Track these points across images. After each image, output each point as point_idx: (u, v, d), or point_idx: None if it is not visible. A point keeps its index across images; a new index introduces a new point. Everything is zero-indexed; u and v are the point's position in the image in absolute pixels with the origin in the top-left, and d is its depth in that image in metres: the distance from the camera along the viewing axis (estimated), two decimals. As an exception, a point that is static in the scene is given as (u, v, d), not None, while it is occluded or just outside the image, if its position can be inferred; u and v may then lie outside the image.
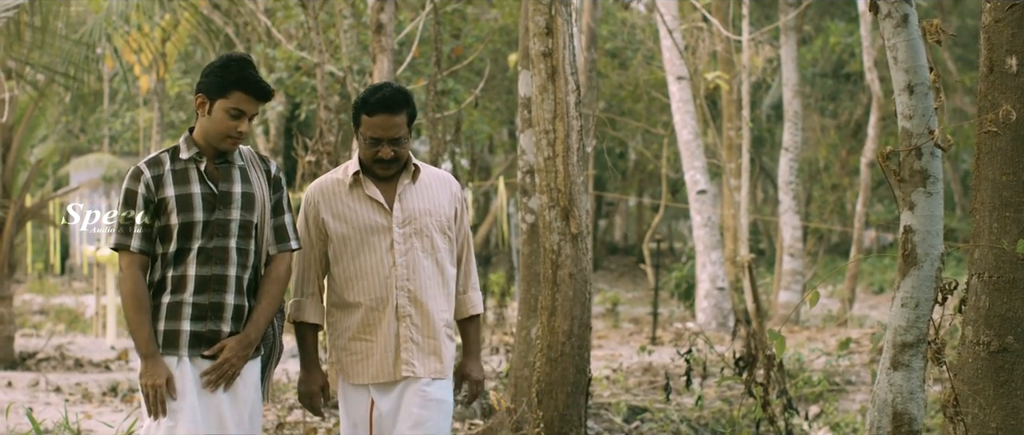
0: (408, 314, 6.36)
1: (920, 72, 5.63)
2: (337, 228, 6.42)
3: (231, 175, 6.21)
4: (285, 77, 20.01)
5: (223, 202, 6.15)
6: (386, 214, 6.38)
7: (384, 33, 12.69)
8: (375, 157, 6.35)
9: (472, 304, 6.68)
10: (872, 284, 32.16)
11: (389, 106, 6.28)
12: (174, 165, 6.18)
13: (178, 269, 6.12)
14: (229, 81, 6.06)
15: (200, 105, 6.17)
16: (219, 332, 6.15)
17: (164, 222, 6.11)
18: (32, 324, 23.73)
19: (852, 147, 32.45)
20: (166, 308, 6.11)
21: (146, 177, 6.12)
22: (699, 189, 22.10)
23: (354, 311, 6.42)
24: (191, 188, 6.12)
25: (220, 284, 6.14)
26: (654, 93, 29.03)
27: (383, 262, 6.36)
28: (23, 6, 12.83)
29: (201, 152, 6.20)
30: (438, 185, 6.55)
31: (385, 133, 6.28)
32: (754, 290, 14.84)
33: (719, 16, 23.28)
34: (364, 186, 6.41)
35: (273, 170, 6.36)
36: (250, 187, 6.23)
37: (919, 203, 5.68)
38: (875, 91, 23.51)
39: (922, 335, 5.73)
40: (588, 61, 19.88)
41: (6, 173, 16.85)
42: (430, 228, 6.42)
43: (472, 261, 6.74)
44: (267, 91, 6.14)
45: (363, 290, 6.39)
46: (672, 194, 33.58)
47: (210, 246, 6.11)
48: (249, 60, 6.19)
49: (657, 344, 19.82)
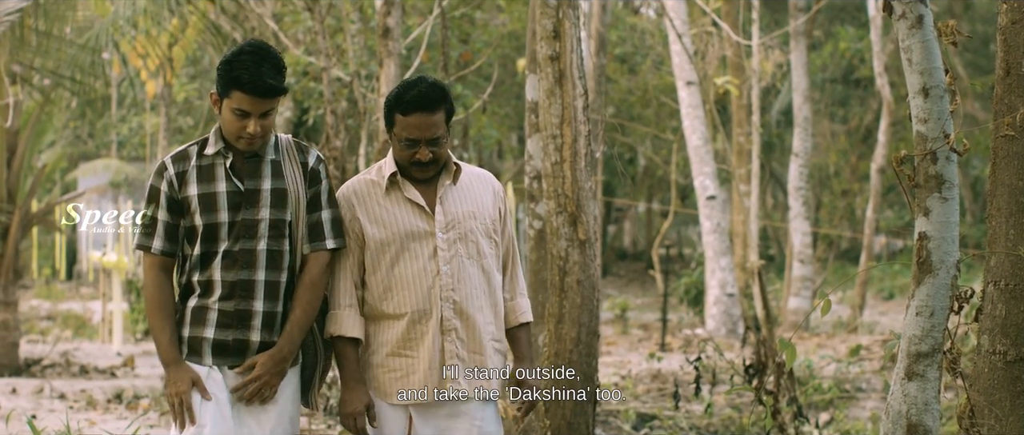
0: (453, 327, 5.91)
1: (935, 74, 5.52)
2: (375, 233, 5.93)
3: (260, 170, 5.83)
4: (293, 82, 19.96)
5: (249, 201, 5.78)
6: (428, 218, 5.92)
7: (391, 37, 12.61)
8: (412, 159, 5.88)
9: (521, 311, 6.17)
10: (882, 290, 32.05)
11: (426, 104, 5.82)
12: (201, 160, 5.84)
13: (204, 273, 5.79)
14: (230, 80, 5.70)
15: (214, 103, 5.85)
16: (247, 342, 5.80)
17: (189, 222, 5.80)
18: (39, 330, 23.64)
19: (862, 153, 32.35)
20: (191, 313, 5.81)
21: (170, 174, 5.81)
22: (708, 195, 22.01)
23: (393, 324, 5.94)
24: (215, 186, 5.78)
25: (247, 290, 5.77)
26: (663, 98, 28.97)
27: (426, 270, 5.90)
28: (26, 10, 12.76)
29: (229, 146, 5.84)
30: (480, 185, 6.10)
31: (422, 133, 5.82)
32: (764, 296, 14.74)
33: (729, 21, 23.17)
34: (402, 188, 5.94)
35: (311, 161, 5.92)
36: (282, 182, 5.83)
37: (934, 209, 5.57)
38: (885, 96, 23.42)
39: (937, 344, 5.62)
40: (597, 66, 19.78)
41: (11, 178, 16.76)
42: (475, 232, 5.98)
43: (519, 265, 6.25)
44: (269, 88, 5.70)
45: (403, 301, 5.91)
46: (681, 200, 33.48)
47: (236, 249, 5.76)
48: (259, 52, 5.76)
49: (666, 351, 19.73)
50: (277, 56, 5.79)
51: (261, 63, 5.70)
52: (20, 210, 16.73)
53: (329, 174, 6.02)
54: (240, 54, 5.73)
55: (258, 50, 5.75)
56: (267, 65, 5.70)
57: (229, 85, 5.71)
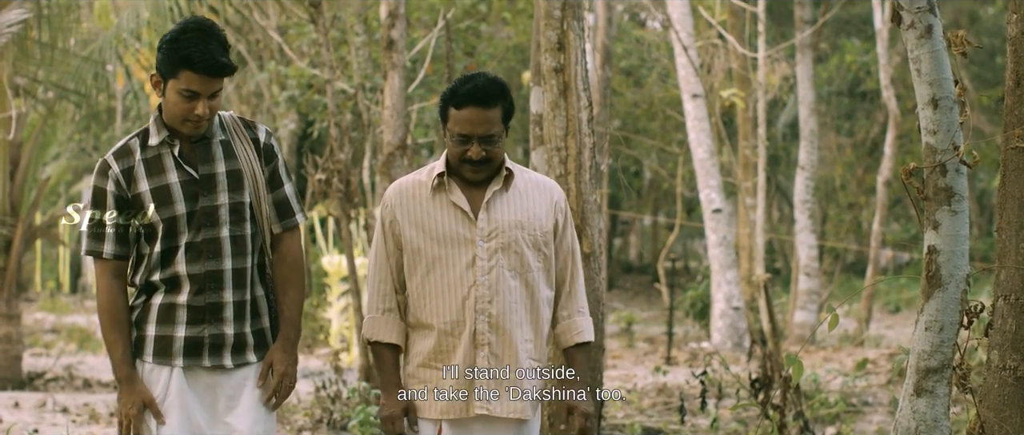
0: (487, 342, 5.61)
1: (944, 85, 5.45)
2: (412, 237, 5.67)
3: (212, 153, 5.53)
4: (297, 95, 19.95)
5: (206, 187, 5.48)
6: (470, 224, 5.64)
7: (395, 50, 12.56)
8: (463, 157, 5.61)
9: (578, 330, 5.83)
10: (888, 303, 31.98)
11: (481, 98, 5.55)
12: (145, 153, 5.50)
13: (167, 270, 5.48)
14: (177, 58, 5.34)
15: (156, 85, 5.47)
16: (221, 336, 5.51)
17: (144, 220, 5.45)
18: (43, 343, 23.58)
19: (868, 166, 32.28)
20: (158, 310, 5.50)
21: (115, 171, 5.47)
22: (714, 208, 21.95)
23: (427, 334, 5.67)
24: (167, 177, 5.46)
25: (215, 281, 5.48)
26: (669, 111, 28.92)
27: (462, 280, 5.62)
28: (29, 21, 12.72)
29: (174, 133, 5.50)
30: (536, 193, 5.78)
31: (475, 130, 5.55)
32: (770, 310, 14.70)
33: (735, 33, 23.14)
34: (449, 190, 5.67)
35: (262, 137, 5.66)
36: (236, 163, 5.54)
37: (944, 222, 5.50)
38: (892, 109, 23.37)
39: (947, 360, 5.54)
40: (603, 79, 19.73)
41: (14, 191, 16.71)
42: (521, 243, 5.65)
43: (579, 280, 5.89)
44: (221, 66, 5.39)
45: (436, 311, 5.65)
46: (687, 213, 33.41)
47: (199, 239, 5.46)
48: (205, 29, 5.43)
49: (672, 364, 19.65)
50: (222, 34, 5.49)
51: (209, 41, 5.40)
52: (23, 223, 16.68)
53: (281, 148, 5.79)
54: (185, 32, 5.40)
55: (203, 27, 5.44)
56: (215, 42, 5.39)
57: (177, 65, 5.37)
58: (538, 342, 5.75)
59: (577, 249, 5.90)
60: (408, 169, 12.77)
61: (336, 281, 20.09)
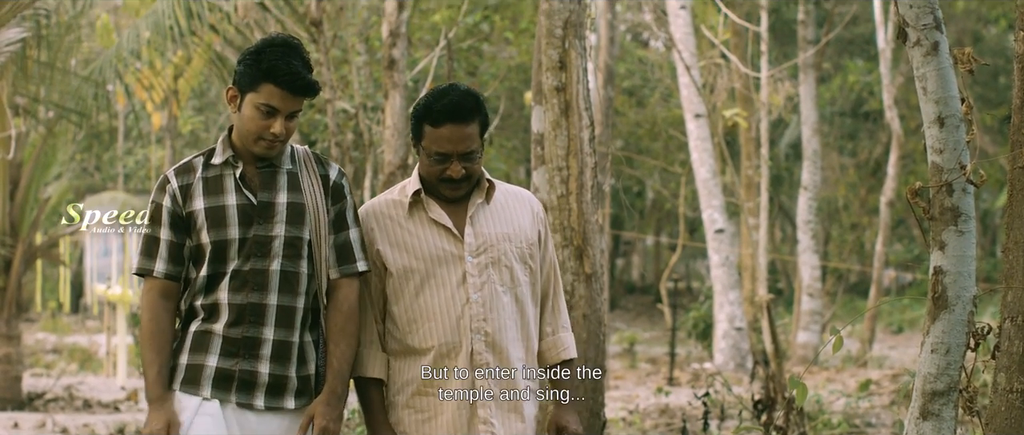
0: (485, 362, 5.32)
1: (951, 103, 5.37)
2: (397, 259, 5.35)
3: (275, 182, 5.24)
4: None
5: (263, 215, 5.19)
6: (456, 241, 5.35)
7: (396, 69, 12.52)
8: (442, 175, 5.31)
9: (564, 347, 5.58)
10: (891, 324, 31.95)
11: (459, 114, 5.25)
12: (206, 172, 5.25)
13: (210, 296, 5.20)
14: (259, 72, 5.12)
15: (231, 99, 5.22)
16: (254, 373, 5.18)
17: (195, 241, 5.20)
18: (44, 363, 23.56)
19: (871, 186, 32.28)
20: (192, 338, 5.21)
21: (173, 187, 5.22)
22: (717, 228, 21.92)
23: (418, 359, 5.35)
24: (224, 199, 5.20)
25: (257, 315, 5.17)
26: (672, 131, 28.92)
27: (454, 299, 5.33)
28: (28, 41, 12.67)
29: (238, 155, 5.25)
30: (517, 204, 5.52)
31: (454, 147, 5.26)
32: (773, 330, 14.63)
33: (737, 53, 23.09)
34: (427, 208, 5.38)
35: (333, 175, 5.35)
36: (299, 196, 5.24)
37: (950, 242, 5.42)
38: (895, 129, 23.36)
39: (953, 383, 5.46)
40: (605, 99, 19.72)
41: (14, 211, 16.67)
42: (510, 256, 5.39)
43: (561, 296, 5.63)
44: (306, 84, 5.16)
45: (429, 334, 5.33)
46: (690, 233, 33.39)
47: (246, 268, 5.17)
48: (292, 45, 5.21)
49: (674, 385, 19.61)
50: (307, 54, 5.27)
51: (294, 57, 5.18)
52: (23, 243, 16.64)
53: (352, 190, 5.48)
54: (271, 45, 5.19)
55: (289, 43, 5.21)
56: (299, 60, 5.18)
57: (259, 78, 5.13)
58: (530, 361, 5.50)
59: (556, 262, 5.66)
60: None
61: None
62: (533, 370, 5.50)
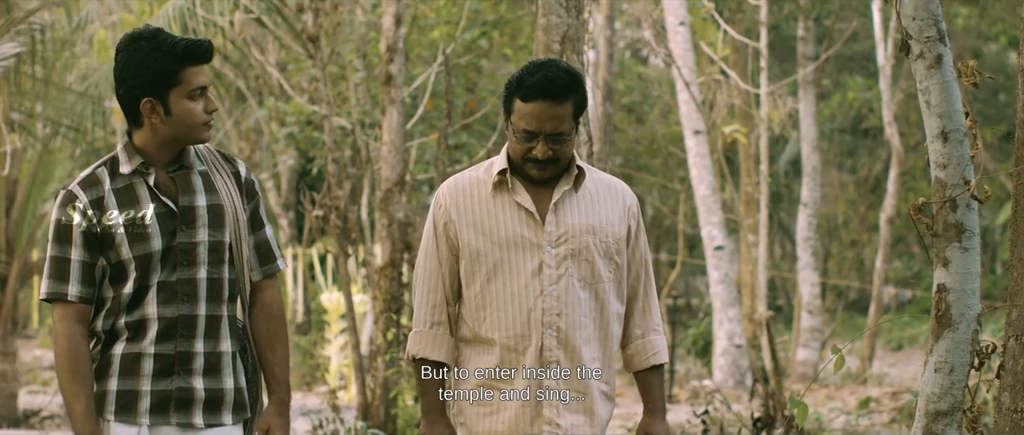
0: (555, 359, 5.04)
1: (955, 117, 5.29)
2: (471, 241, 5.10)
3: (191, 184, 4.89)
4: (296, 131, 19.84)
5: (186, 221, 4.83)
6: (537, 228, 5.07)
7: (394, 85, 12.46)
8: (527, 155, 5.05)
9: (654, 350, 5.28)
10: (891, 341, 31.87)
11: (551, 91, 4.98)
12: (115, 182, 4.83)
13: (134, 313, 4.81)
14: (172, 61, 4.74)
15: (151, 111, 4.79)
16: (190, 390, 4.84)
17: (114, 258, 4.80)
18: (42, 380, 23.46)
19: (871, 203, 32.21)
20: (120, 361, 4.81)
21: (82, 202, 4.79)
22: (716, 245, 21.85)
23: (487, 349, 5.10)
24: (142, 208, 4.81)
25: (188, 327, 4.82)
26: (671, 148, 28.87)
27: (528, 289, 5.04)
28: (22, 56, 12.61)
29: (147, 162, 4.86)
30: (608, 196, 5.22)
31: (543, 126, 4.99)
32: (772, 348, 14.56)
33: (737, 70, 23.05)
34: (512, 190, 5.11)
35: (243, 172, 5.04)
36: (217, 197, 4.91)
37: (954, 259, 5.33)
38: (895, 146, 23.31)
39: (957, 402, 5.38)
40: (604, 115, 19.64)
41: (10, 227, 16.61)
42: (592, 250, 5.09)
43: (653, 295, 5.32)
44: (209, 47, 4.84)
45: (498, 324, 5.07)
46: (689, 250, 33.31)
47: (173, 279, 4.80)
48: (158, 28, 4.83)
49: (673, 402, 19.53)
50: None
51: (170, 34, 4.86)
52: (19, 259, 16.58)
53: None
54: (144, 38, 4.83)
55: (156, 28, 4.87)
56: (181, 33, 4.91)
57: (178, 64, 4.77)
58: (606, 363, 5.20)
59: (650, 260, 5.34)
60: (407, 206, 12.64)
61: (335, 318, 19.97)
62: (610, 372, 5.22)
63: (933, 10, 5.34)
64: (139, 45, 4.80)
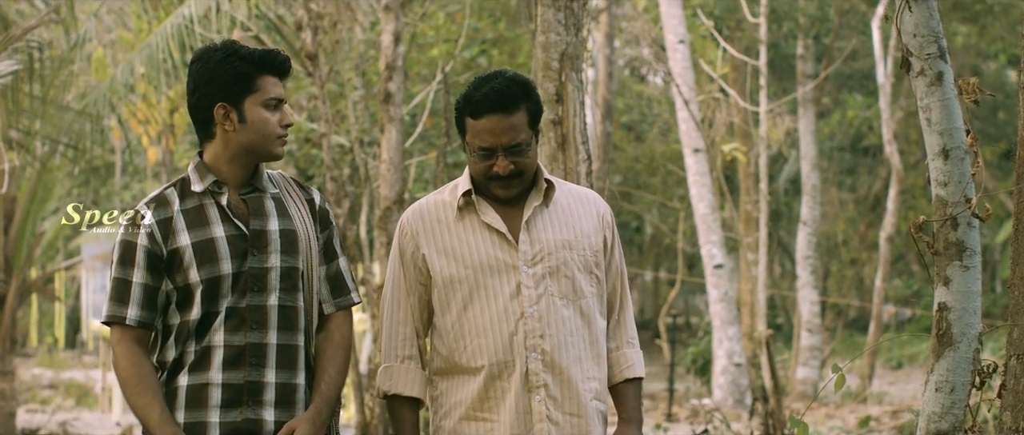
0: (543, 384, 4.79)
1: (956, 135, 5.25)
2: (443, 267, 4.87)
3: (264, 207, 4.71)
4: (295, 149, 19.81)
5: (257, 245, 4.64)
6: (510, 249, 4.84)
7: (392, 103, 12.42)
8: (488, 173, 4.83)
9: (629, 364, 5.07)
10: (891, 359, 31.83)
11: (501, 103, 4.75)
12: (185, 203, 4.67)
13: (202, 341, 4.61)
14: (249, 66, 4.62)
15: (224, 117, 4.65)
16: (259, 422, 4.64)
17: (181, 281, 4.62)
18: (41, 399, 23.43)
19: (871, 221, 32.21)
20: (186, 393, 4.62)
21: (149, 222, 4.64)
22: (716, 263, 21.82)
23: (468, 380, 4.85)
24: (212, 230, 4.63)
25: (258, 356, 4.62)
26: (670, 166, 28.86)
27: (507, 313, 4.80)
28: (19, 74, 12.58)
29: (219, 181, 4.70)
30: (580, 207, 5.01)
31: (499, 140, 4.76)
32: (772, 366, 14.52)
33: (736, 88, 23.05)
34: (479, 211, 4.88)
35: (318, 200, 4.84)
36: (290, 223, 4.72)
37: (955, 278, 5.29)
38: (895, 164, 23.29)
39: (958, 422, 5.33)
40: (604, 134, 19.65)
41: (8, 246, 16.58)
42: (571, 266, 4.87)
43: (628, 307, 5.12)
44: (285, 60, 4.71)
45: (479, 351, 4.82)
46: (688, 268, 33.25)
47: (242, 305, 4.61)
48: (233, 40, 4.74)
49: (673, 421, 19.50)
50: None
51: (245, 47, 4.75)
52: (18, 278, 16.55)
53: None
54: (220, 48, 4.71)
55: (232, 41, 4.77)
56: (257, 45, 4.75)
57: (255, 71, 4.66)
58: (603, 378, 4.99)
59: (626, 271, 5.15)
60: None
61: (334, 337, 19.92)
62: (602, 390, 5.01)
63: (934, 27, 5.31)
64: (213, 54, 4.68)
